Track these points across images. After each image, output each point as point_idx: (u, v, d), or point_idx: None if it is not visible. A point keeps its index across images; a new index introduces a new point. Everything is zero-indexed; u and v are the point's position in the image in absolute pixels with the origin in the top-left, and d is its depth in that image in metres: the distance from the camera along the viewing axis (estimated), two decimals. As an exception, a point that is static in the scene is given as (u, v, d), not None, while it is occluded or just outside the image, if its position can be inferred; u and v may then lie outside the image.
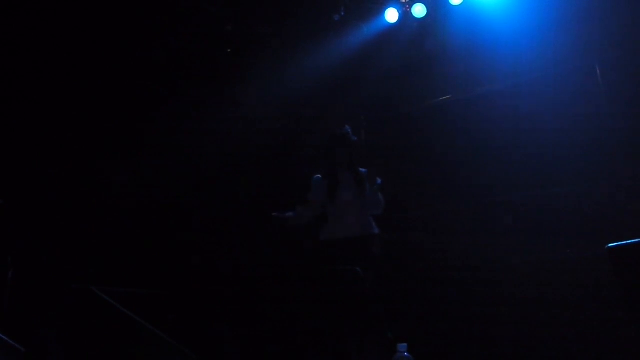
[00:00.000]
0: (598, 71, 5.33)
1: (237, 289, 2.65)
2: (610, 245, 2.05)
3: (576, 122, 5.33)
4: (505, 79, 5.88)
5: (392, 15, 5.89)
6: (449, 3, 5.69)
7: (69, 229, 5.54)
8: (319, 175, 3.99)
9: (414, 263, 5.70)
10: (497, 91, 5.94)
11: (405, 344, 2.31)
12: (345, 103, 6.63)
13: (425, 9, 5.80)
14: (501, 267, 5.40)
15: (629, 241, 2.04)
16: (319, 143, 6.78)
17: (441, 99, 6.29)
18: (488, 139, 5.77)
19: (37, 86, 5.37)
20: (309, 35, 6.22)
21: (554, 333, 4.92)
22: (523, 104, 5.66)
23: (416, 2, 5.78)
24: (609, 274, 2.02)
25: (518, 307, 5.15)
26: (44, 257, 5.24)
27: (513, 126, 5.66)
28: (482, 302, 5.34)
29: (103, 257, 5.60)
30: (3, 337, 2.89)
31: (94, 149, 5.81)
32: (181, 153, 6.32)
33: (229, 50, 6.36)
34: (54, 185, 5.48)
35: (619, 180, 5.02)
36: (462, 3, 5.66)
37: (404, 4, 5.90)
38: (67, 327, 2.68)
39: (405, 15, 5.91)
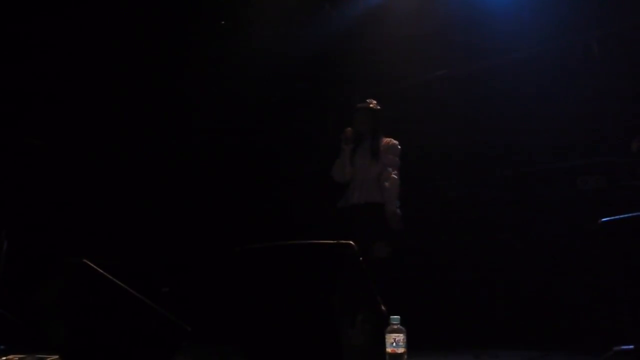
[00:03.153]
0: (595, 47, 5.29)
1: (230, 263, 2.65)
2: (603, 219, 2.06)
3: (573, 97, 5.32)
4: (501, 54, 5.83)
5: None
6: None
7: (64, 202, 5.53)
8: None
9: (408, 237, 5.74)
10: (493, 67, 5.90)
11: (398, 316, 2.33)
12: (341, 77, 6.58)
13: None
14: (494, 242, 5.45)
15: (622, 216, 2.05)
16: (314, 117, 6.79)
17: (437, 73, 6.24)
18: (484, 113, 5.76)
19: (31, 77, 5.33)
20: (304, 7, 6.12)
21: (547, 307, 4.99)
22: (519, 78, 5.63)
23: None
24: (602, 247, 2.03)
25: (511, 282, 5.21)
26: (37, 230, 5.24)
27: (509, 101, 5.64)
28: (475, 277, 5.39)
29: (98, 230, 5.61)
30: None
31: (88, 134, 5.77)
32: (175, 128, 6.29)
33: (222, 22, 6.28)
34: (48, 159, 5.45)
35: (611, 156, 5.04)
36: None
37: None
38: (62, 299, 2.68)
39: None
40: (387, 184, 3.72)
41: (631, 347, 1.99)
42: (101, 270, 2.77)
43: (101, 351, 2.66)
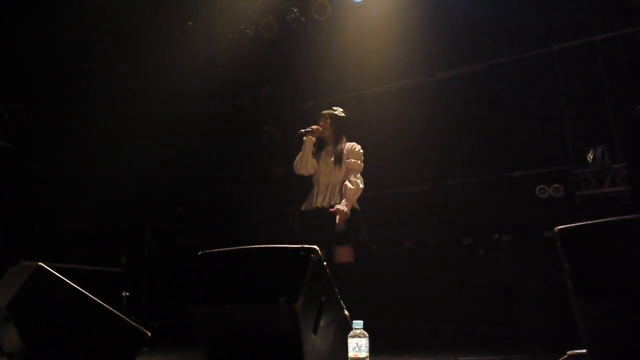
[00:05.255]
0: (555, 58, 5.46)
1: (193, 265, 2.62)
2: (560, 227, 2.11)
3: (533, 107, 5.47)
4: (461, 66, 5.96)
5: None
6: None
7: (21, 205, 5.36)
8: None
9: (370, 242, 5.78)
10: (454, 77, 6.02)
11: (361, 321, 2.34)
12: (308, 83, 6.61)
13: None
14: (454, 247, 5.54)
15: (579, 223, 2.10)
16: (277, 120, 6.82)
17: (401, 82, 6.32)
18: (446, 122, 5.86)
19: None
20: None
21: (505, 311, 5.10)
22: (483, 88, 5.76)
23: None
24: (559, 255, 2.08)
25: (471, 286, 5.31)
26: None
27: (472, 110, 5.75)
28: (436, 281, 5.47)
29: (56, 233, 5.46)
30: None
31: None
32: (139, 127, 6.18)
33: (189, 23, 6.22)
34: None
35: (568, 165, 5.20)
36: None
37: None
38: (18, 302, 2.59)
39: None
40: (349, 184, 3.71)
41: (584, 351, 2.05)
42: (58, 274, 2.69)
43: (57, 357, 2.58)
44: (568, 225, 2.09)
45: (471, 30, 5.64)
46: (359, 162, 3.81)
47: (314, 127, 3.83)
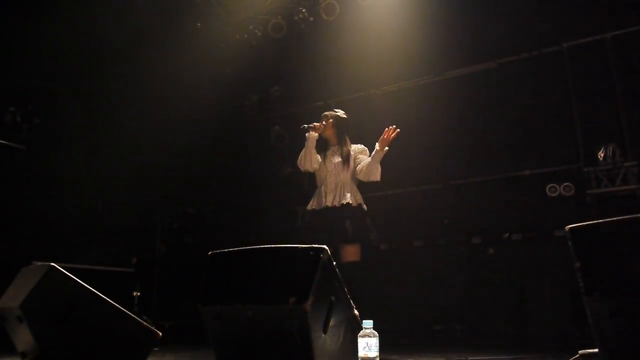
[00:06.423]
0: (565, 56, 5.42)
1: (203, 265, 2.63)
2: (571, 225, 2.10)
3: (543, 105, 5.44)
4: (473, 64, 5.93)
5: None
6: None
7: (33, 206, 5.40)
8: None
9: (379, 241, 5.77)
10: (466, 75, 5.99)
11: (370, 321, 2.34)
12: (317, 83, 6.61)
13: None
14: (463, 246, 5.52)
15: (590, 222, 2.09)
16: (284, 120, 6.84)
17: (410, 81, 6.31)
18: (456, 121, 5.84)
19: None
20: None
21: (516, 311, 5.07)
22: (493, 87, 5.73)
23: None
24: (570, 254, 2.07)
25: (481, 286, 5.29)
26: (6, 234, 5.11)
27: (482, 109, 5.73)
28: (446, 281, 5.46)
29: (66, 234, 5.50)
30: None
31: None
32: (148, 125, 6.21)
33: (198, 24, 6.25)
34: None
35: (579, 164, 5.16)
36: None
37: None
38: (31, 302, 2.62)
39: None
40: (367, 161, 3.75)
41: (596, 350, 2.04)
42: (70, 274, 2.71)
43: (70, 357, 2.61)
44: (579, 224, 2.08)
45: (480, 29, 5.62)
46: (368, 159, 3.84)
47: (316, 124, 3.85)
